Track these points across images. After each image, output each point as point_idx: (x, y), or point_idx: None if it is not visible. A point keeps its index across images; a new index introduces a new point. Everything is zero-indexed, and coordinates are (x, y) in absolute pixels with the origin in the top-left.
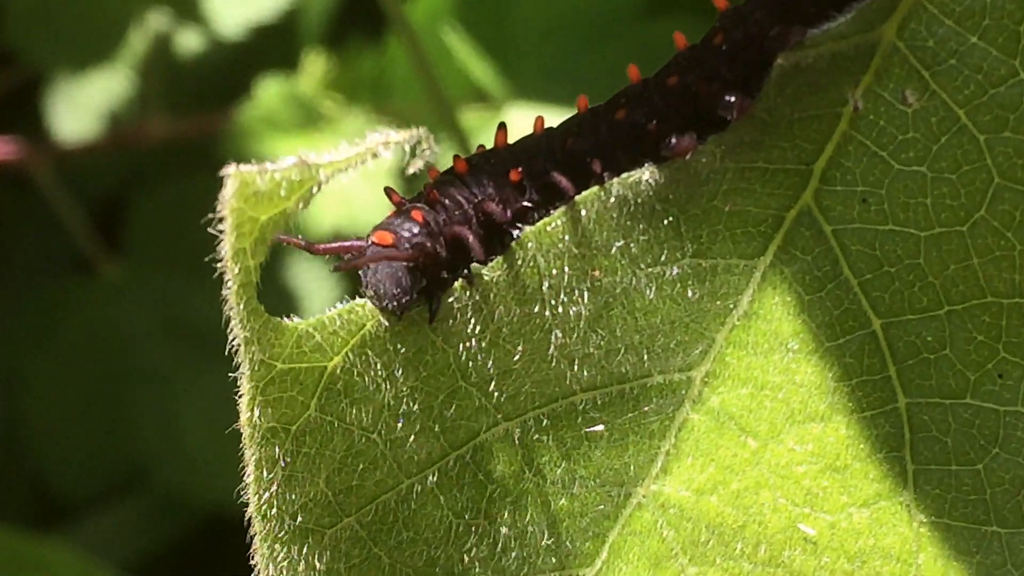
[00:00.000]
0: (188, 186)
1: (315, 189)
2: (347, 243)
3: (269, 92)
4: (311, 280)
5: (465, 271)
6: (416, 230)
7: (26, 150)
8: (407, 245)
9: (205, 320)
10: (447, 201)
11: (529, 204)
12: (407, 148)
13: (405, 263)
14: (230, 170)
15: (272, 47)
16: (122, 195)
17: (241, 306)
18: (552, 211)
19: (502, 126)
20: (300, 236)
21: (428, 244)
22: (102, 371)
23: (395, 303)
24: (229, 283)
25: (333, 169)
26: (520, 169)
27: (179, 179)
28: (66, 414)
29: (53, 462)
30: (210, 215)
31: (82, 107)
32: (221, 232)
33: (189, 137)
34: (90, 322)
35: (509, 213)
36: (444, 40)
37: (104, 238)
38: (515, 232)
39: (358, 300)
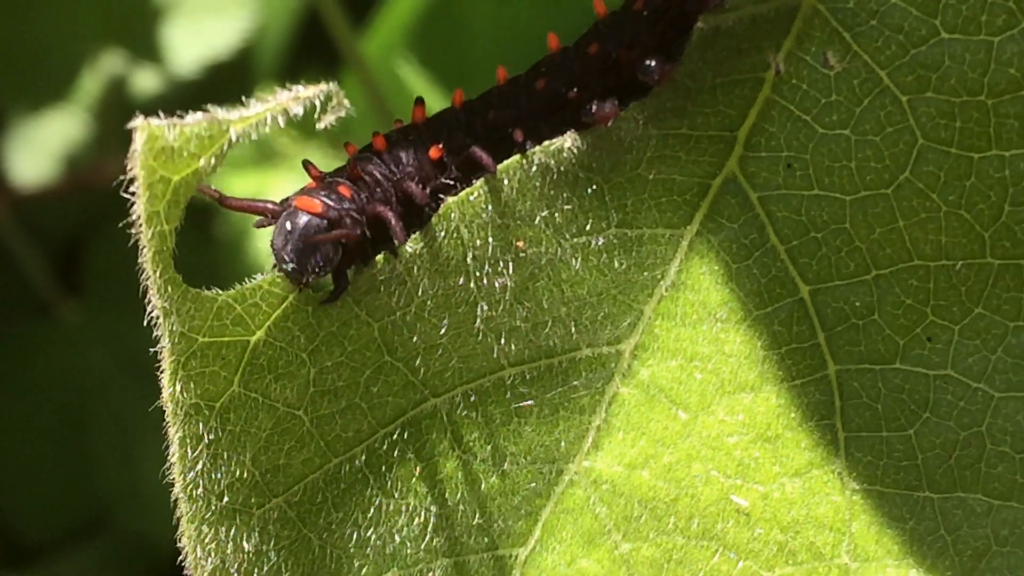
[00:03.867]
0: None
1: (226, 146)
2: (261, 203)
3: None
4: None
5: (387, 244)
6: (346, 204)
7: None
8: (336, 215)
9: None
10: (368, 178)
11: (450, 182)
12: (318, 103)
13: (335, 236)
14: (138, 122)
15: (227, 84)
16: (80, 237)
17: (157, 274)
18: (474, 183)
19: (419, 100)
20: (214, 188)
21: (357, 218)
22: (62, 413)
23: (313, 275)
24: (144, 250)
25: (244, 125)
26: (440, 145)
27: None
28: (27, 457)
29: (16, 505)
30: (121, 177)
31: (39, 150)
32: (133, 195)
33: None
34: (50, 364)
35: (428, 191)
36: (399, 73)
37: (62, 280)
38: (435, 205)
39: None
